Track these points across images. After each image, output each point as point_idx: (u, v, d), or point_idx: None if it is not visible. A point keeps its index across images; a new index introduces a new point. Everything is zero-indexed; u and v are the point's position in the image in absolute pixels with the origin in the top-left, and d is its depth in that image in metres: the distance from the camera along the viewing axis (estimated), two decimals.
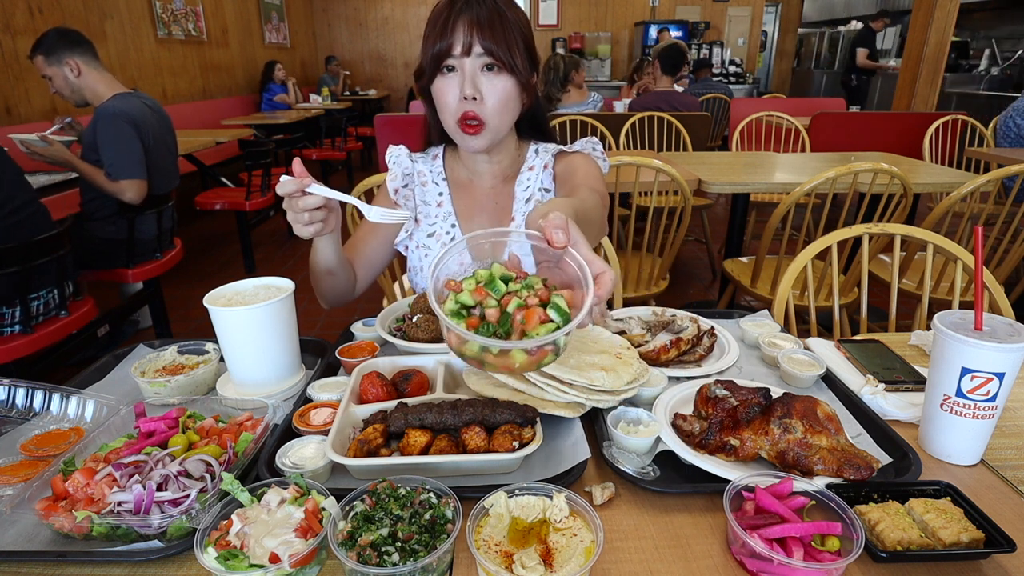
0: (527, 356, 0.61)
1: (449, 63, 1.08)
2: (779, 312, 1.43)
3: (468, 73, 1.08)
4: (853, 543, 0.60)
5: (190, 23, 6.00)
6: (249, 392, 0.97)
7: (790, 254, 2.00)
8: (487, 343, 0.60)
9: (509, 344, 0.60)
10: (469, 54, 1.07)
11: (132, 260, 2.77)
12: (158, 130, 2.75)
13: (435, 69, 1.10)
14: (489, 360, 0.62)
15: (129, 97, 2.63)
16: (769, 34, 12.23)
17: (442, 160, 1.34)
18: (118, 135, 2.53)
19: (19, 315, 2.06)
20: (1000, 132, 3.61)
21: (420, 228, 1.31)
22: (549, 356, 0.61)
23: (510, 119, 1.16)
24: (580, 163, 1.23)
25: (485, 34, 1.06)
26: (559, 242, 0.63)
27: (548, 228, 0.64)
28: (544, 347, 0.61)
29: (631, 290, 2.54)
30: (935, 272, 2.31)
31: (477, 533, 0.63)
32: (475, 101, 1.09)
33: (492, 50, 1.07)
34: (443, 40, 1.07)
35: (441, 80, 1.10)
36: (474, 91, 1.08)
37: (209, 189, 4.53)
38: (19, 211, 2.02)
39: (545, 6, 9.79)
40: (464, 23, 1.06)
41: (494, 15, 1.07)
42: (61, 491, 0.71)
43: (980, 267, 0.82)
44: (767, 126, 4.55)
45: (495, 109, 1.11)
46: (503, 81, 1.09)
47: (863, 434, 0.86)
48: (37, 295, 2.13)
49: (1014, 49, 8.57)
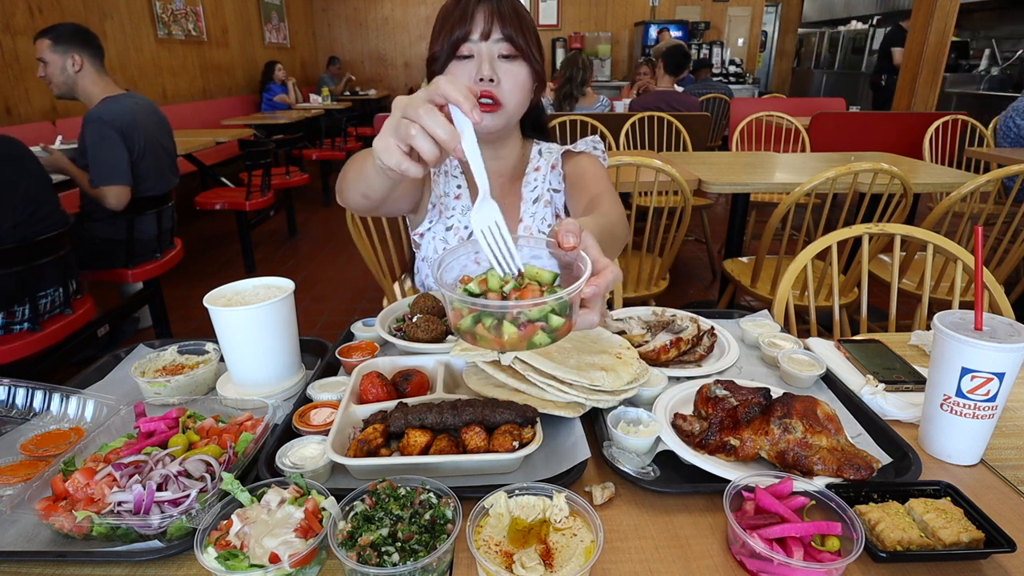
0: (517, 331, 0.60)
1: (466, 49, 1.09)
2: (779, 312, 1.43)
3: (486, 57, 1.09)
4: (853, 543, 0.60)
5: (190, 23, 6.00)
6: (249, 392, 0.97)
7: (790, 254, 2.00)
8: (472, 302, 0.60)
9: (494, 303, 0.59)
10: (488, 39, 1.09)
11: (132, 260, 2.78)
12: (152, 131, 2.74)
13: (451, 55, 1.11)
14: (481, 333, 0.61)
15: (121, 99, 2.63)
16: (769, 34, 12.24)
17: None
18: (101, 141, 2.53)
19: (28, 313, 2.10)
20: (1000, 132, 3.61)
21: (440, 220, 1.30)
22: (540, 334, 0.60)
23: (523, 105, 1.17)
24: (589, 166, 1.23)
25: (504, 21, 1.08)
26: (568, 244, 0.63)
27: (560, 231, 0.64)
28: (534, 322, 0.60)
29: (631, 290, 2.54)
30: (935, 272, 2.31)
31: (477, 533, 0.63)
32: (492, 83, 1.10)
33: (511, 36, 1.09)
34: (462, 26, 1.08)
35: (456, 66, 1.11)
36: (492, 73, 1.09)
37: (209, 189, 4.52)
38: (46, 219, 2.10)
39: (545, 6, 9.79)
40: (484, 11, 1.08)
41: (511, 6, 1.10)
42: (61, 491, 0.71)
43: (980, 267, 0.82)
44: (767, 126, 4.55)
45: (511, 91, 1.12)
46: (519, 67, 1.12)
47: (863, 434, 0.86)
48: (45, 293, 2.17)
49: (1014, 49, 8.57)
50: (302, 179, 5.13)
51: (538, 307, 0.59)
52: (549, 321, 0.60)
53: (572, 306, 0.62)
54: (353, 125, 7.08)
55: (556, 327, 0.61)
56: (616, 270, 0.64)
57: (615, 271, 0.64)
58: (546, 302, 0.59)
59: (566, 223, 0.65)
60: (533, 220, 1.26)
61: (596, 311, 0.64)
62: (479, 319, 0.61)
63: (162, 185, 2.83)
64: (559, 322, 0.60)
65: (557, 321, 0.60)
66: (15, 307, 2.08)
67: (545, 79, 1.20)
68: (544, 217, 1.26)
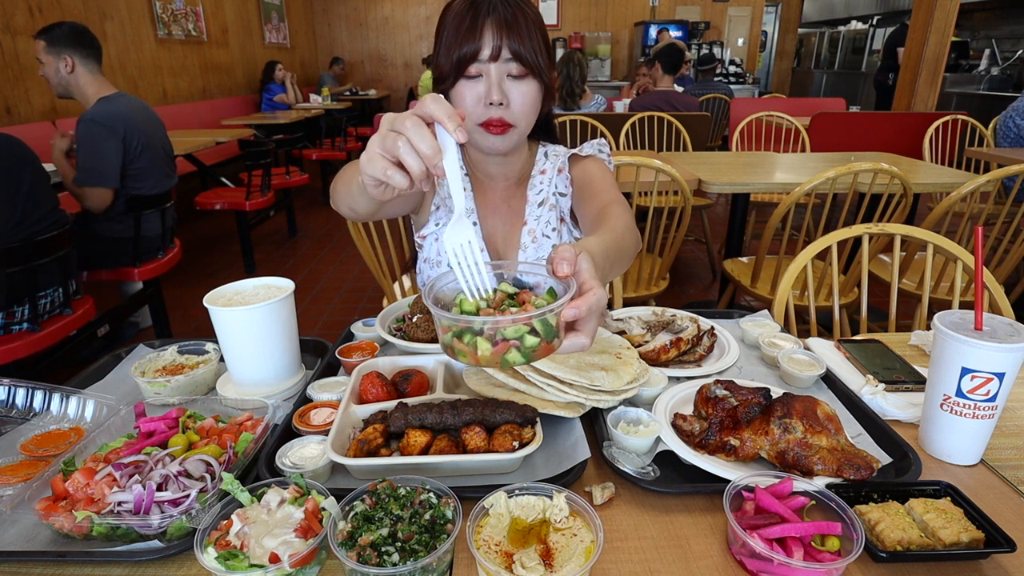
0: (491, 347, 0.61)
1: (475, 70, 1.06)
2: (779, 312, 1.43)
3: (495, 79, 1.06)
4: (853, 543, 0.60)
5: (190, 23, 6.00)
6: (249, 392, 0.97)
7: (790, 254, 2.00)
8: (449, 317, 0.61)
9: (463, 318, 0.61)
10: (497, 59, 1.05)
11: (138, 258, 2.78)
12: (147, 131, 2.73)
13: (459, 74, 1.07)
14: (458, 347, 0.62)
15: (115, 99, 2.63)
16: (769, 34, 12.24)
17: (461, 153, 1.30)
18: (92, 142, 2.53)
19: (27, 313, 2.11)
20: (1000, 132, 3.61)
21: (444, 222, 1.28)
22: (513, 352, 0.61)
23: (533, 120, 1.15)
24: (596, 170, 1.22)
25: (513, 37, 1.04)
26: (562, 272, 0.63)
27: (556, 259, 0.64)
28: (508, 340, 0.60)
29: (631, 290, 2.54)
30: (935, 272, 2.31)
31: (477, 533, 0.63)
32: (501, 107, 1.07)
33: (520, 54, 1.05)
34: (469, 44, 1.04)
35: (465, 85, 1.08)
36: (501, 97, 1.06)
37: (209, 189, 4.52)
38: (46, 218, 2.10)
39: (545, 6, 9.79)
40: (492, 26, 1.04)
41: (518, 15, 1.06)
42: (61, 491, 0.71)
43: (980, 267, 0.82)
44: (767, 126, 4.55)
45: (522, 112, 1.10)
46: (529, 86, 1.08)
47: (863, 434, 0.86)
48: (45, 293, 2.18)
49: (1014, 49, 8.58)
50: (302, 179, 5.13)
51: (514, 325, 0.60)
52: (524, 341, 0.61)
53: (555, 328, 0.62)
54: (353, 125, 7.08)
55: (531, 347, 0.61)
56: (600, 293, 0.62)
57: (598, 294, 0.62)
58: (517, 319, 0.60)
59: (561, 250, 0.64)
60: (538, 223, 1.26)
61: (585, 334, 0.63)
62: (459, 335, 0.62)
63: (162, 184, 2.83)
64: (534, 342, 0.61)
65: (532, 341, 0.61)
66: (15, 307, 2.08)
67: (554, 88, 1.18)
68: (549, 221, 1.26)
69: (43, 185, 2.11)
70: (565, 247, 0.65)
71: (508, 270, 0.73)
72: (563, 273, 0.63)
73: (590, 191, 1.18)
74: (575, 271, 0.64)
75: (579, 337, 0.63)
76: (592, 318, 0.63)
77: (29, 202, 2.02)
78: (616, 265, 0.88)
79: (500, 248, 1.29)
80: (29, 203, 2.02)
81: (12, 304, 2.07)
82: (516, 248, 1.26)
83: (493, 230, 1.28)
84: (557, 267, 0.63)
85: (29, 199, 2.02)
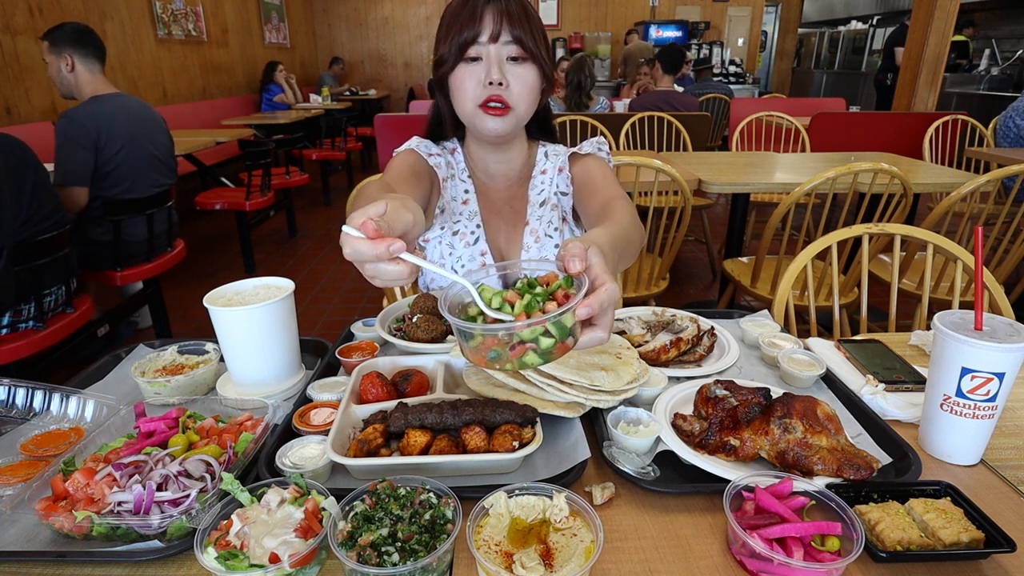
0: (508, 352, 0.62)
1: (474, 52, 1.08)
2: (779, 312, 1.43)
3: (494, 60, 1.08)
4: (853, 543, 0.60)
5: (190, 23, 6.00)
6: (249, 392, 0.97)
7: (790, 254, 2.00)
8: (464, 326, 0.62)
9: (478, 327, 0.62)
10: (496, 41, 1.07)
11: (119, 263, 2.73)
12: (136, 133, 2.69)
13: (459, 57, 1.08)
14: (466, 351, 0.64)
15: (106, 99, 2.62)
16: (769, 34, 12.24)
17: (463, 156, 1.31)
18: (66, 141, 2.51)
19: (33, 311, 2.13)
20: (1000, 132, 3.61)
21: (448, 225, 1.27)
22: (530, 355, 0.61)
23: (533, 108, 1.15)
24: (596, 168, 1.22)
25: (514, 22, 1.06)
26: (574, 269, 0.63)
27: (566, 256, 0.64)
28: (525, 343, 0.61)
29: (631, 290, 2.54)
30: (935, 272, 2.31)
31: (477, 533, 0.63)
32: (500, 86, 1.08)
33: (520, 38, 1.07)
34: (470, 28, 1.06)
35: (464, 68, 1.09)
36: (500, 77, 1.07)
37: (209, 189, 4.52)
38: (48, 217, 2.11)
39: (545, 6, 9.79)
40: (492, 12, 1.06)
41: (520, 6, 1.08)
42: (61, 491, 0.71)
43: (980, 267, 0.82)
44: (767, 126, 4.55)
45: (520, 95, 1.10)
46: (528, 70, 1.10)
47: (863, 434, 0.86)
48: (49, 291, 2.20)
49: (1014, 49, 8.58)
50: (302, 179, 5.13)
51: (530, 328, 0.60)
52: (539, 343, 0.61)
53: (570, 327, 0.62)
54: (353, 125, 7.08)
55: (547, 348, 0.62)
56: (612, 288, 0.63)
57: (610, 289, 0.62)
58: (531, 323, 0.60)
59: (571, 246, 0.64)
60: (540, 223, 1.26)
61: (603, 328, 0.63)
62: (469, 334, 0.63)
63: (142, 188, 2.75)
64: (549, 343, 0.61)
65: (548, 343, 0.61)
66: (22, 305, 2.10)
67: (554, 80, 1.18)
68: (551, 220, 1.26)
69: (45, 185, 2.12)
70: (574, 243, 0.65)
71: (513, 269, 0.73)
72: (575, 270, 0.63)
73: (591, 188, 1.18)
74: (587, 264, 0.64)
75: (596, 332, 0.63)
76: (607, 312, 0.63)
77: (33, 201, 2.04)
78: (624, 257, 0.88)
79: (503, 249, 1.29)
80: (33, 202, 2.04)
81: (20, 302, 2.09)
82: (519, 248, 1.26)
83: (496, 231, 1.28)
84: (568, 264, 0.63)
85: (33, 198, 2.04)
